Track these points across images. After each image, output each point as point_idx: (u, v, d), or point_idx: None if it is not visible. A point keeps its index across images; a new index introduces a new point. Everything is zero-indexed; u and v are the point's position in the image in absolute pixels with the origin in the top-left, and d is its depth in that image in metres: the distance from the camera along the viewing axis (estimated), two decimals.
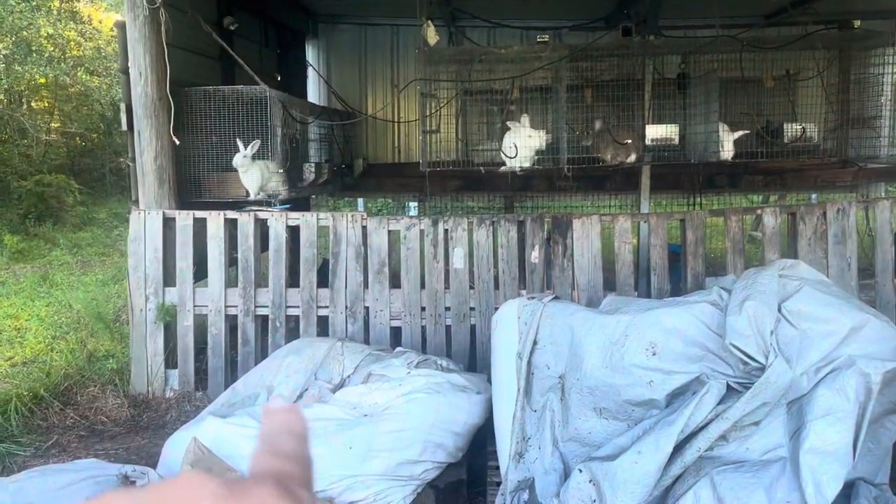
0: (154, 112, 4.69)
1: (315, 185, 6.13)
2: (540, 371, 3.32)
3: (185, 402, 4.63)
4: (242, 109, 5.03)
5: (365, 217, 4.75)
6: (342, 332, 4.68)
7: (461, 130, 6.84)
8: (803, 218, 4.51)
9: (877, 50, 5.50)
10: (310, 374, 3.99)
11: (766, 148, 5.31)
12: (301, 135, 6.01)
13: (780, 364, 2.77)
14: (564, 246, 4.62)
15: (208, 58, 5.79)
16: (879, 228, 4.53)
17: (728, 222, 4.60)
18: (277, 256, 4.73)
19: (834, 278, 4.39)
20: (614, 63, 5.68)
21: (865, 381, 2.82)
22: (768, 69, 5.60)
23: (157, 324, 4.72)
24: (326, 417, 3.41)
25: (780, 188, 7.57)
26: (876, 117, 5.49)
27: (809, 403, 2.82)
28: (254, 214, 4.76)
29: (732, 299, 3.07)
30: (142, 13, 4.57)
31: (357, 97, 8.30)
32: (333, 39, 8.37)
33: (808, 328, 2.94)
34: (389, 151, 8.49)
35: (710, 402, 2.78)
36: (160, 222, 4.71)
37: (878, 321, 3.00)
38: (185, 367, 4.75)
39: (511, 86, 5.74)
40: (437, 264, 4.69)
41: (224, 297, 4.74)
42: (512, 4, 7.06)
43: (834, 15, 6.78)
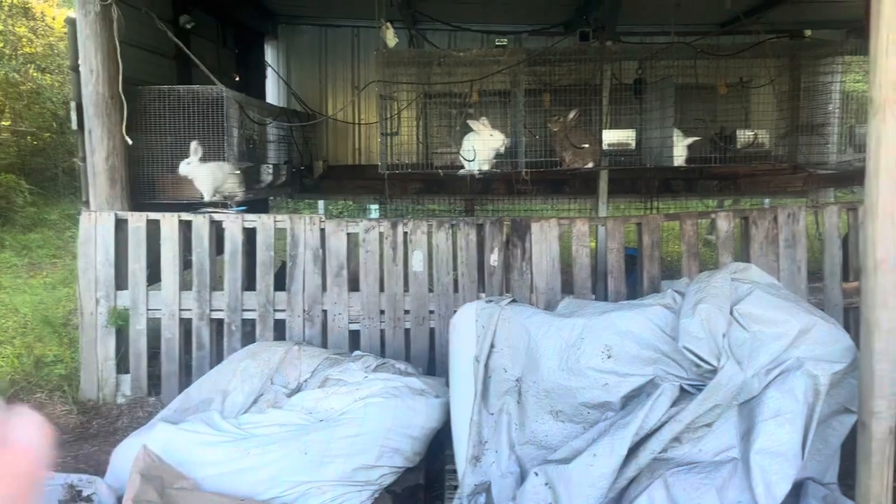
0: (106, 111, 4.58)
1: (273, 187, 6.06)
2: (497, 374, 3.32)
3: (138, 408, 4.53)
4: (198, 109, 4.95)
5: (323, 219, 4.71)
6: (299, 336, 4.62)
7: (421, 133, 6.83)
8: (755, 222, 4.60)
9: (826, 59, 5.65)
10: (266, 379, 3.93)
11: (720, 153, 5.41)
12: (259, 136, 5.94)
13: (731, 366, 2.82)
14: (523, 249, 4.64)
15: (164, 56, 5.69)
16: (828, 233, 4.65)
17: (683, 226, 4.67)
18: (233, 259, 4.65)
19: (785, 281, 4.49)
20: (572, 68, 5.73)
21: (814, 383, 2.88)
22: (722, 76, 5.71)
23: (107, 328, 4.61)
24: (282, 423, 3.37)
25: (734, 192, 7.72)
26: (825, 125, 5.64)
27: (760, 405, 2.87)
28: (209, 216, 4.67)
29: (686, 302, 3.11)
30: (93, 9, 4.46)
31: (317, 98, 8.24)
32: (293, 40, 8.30)
33: (758, 331, 3.00)
34: (350, 153, 8.44)
35: (664, 405, 2.82)
36: (112, 224, 4.59)
37: (826, 324, 3.07)
38: (137, 372, 4.64)
39: (470, 89, 5.75)
40: (396, 267, 4.67)
41: (178, 300, 4.64)
42: (472, 8, 7.08)
43: (786, 24, 6.97)
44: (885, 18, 2.61)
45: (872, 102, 2.64)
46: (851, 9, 6.73)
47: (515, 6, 7.10)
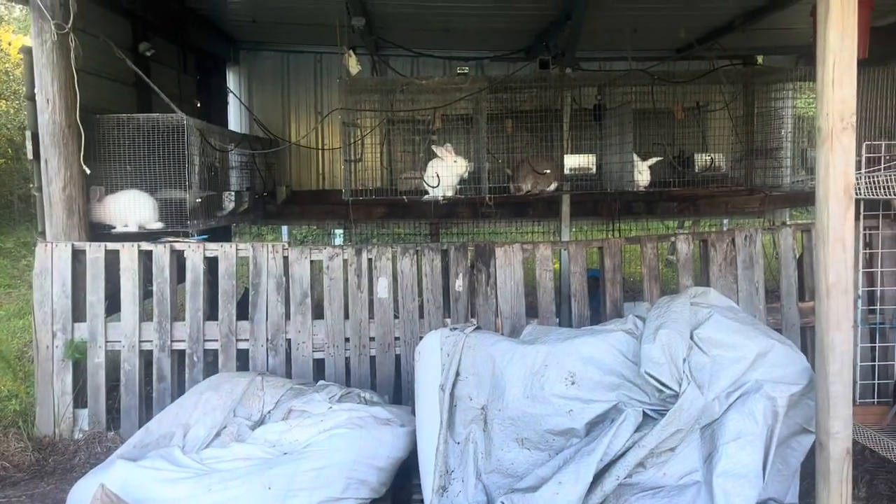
0: (62, 140, 4.50)
1: (235, 214, 6.02)
2: (462, 402, 3.32)
3: (96, 444, 4.41)
4: (159, 137, 4.90)
5: (286, 247, 4.68)
6: (263, 366, 4.57)
7: (385, 159, 6.86)
8: (714, 244, 4.69)
9: (777, 85, 5.82)
10: (228, 411, 3.87)
11: (678, 177, 5.52)
12: (221, 163, 5.89)
13: (692, 391, 2.86)
14: (488, 274, 4.67)
15: (123, 84, 5.63)
16: (783, 254, 4.76)
17: (644, 249, 4.74)
18: (195, 289, 4.59)
19: (743, 302, 4.57)
20: (534, 94, 5.82)
21: (772, 405, 2.94)
22: (679, 101, 5.85)
23: (64, 361, 4.50)
24: (245, 457, 3.31)
25: (693, 214, 7.89)
26: (778, 148, 5.80)
27: (721, 428, 2.92)
28: (170, 246, 4.61)
29: (647, 328, 3.16)
30: (50, 38, 4.41)
31: (280, 124, 8.22)
32: (255, 66, 8.28)
33: (718, 355, 3.05)
34: (314, 178, 8.42)
35: (628, 430, 2.84)
36: (69, 255, 4.50)
37: (783, 346, 3.14)
38: (95, 406, 4.53)
39: (433, 115, 5.80)
40: (361, 294, 4.65)
41: (138, 331, 4.56)
42: (434, 35, 7.15)
43: (738, 50, 7.17)
44: (831, 51, 2.71)
45: (820, 132, 2.73)
46: (801, 35, 6.97)
47: (476, 33, 7.19)
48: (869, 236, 4.46)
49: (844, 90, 2.70)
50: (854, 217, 2.83)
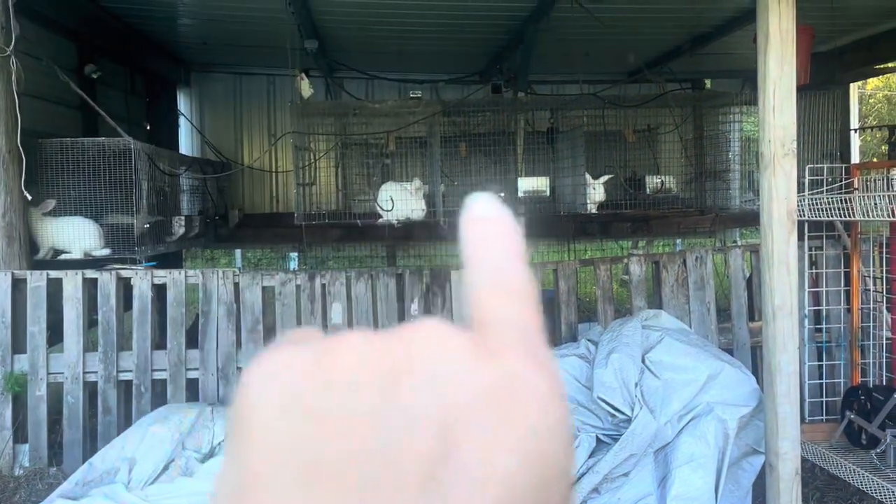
0: (2, 165, 4.36)
1: (186, 239, 5.89)
2: None
3: (37, 481, 4.23)
4: (105, 161, 4.78)
5: (237, 273, 4.59)
6: (214, 396, 4.45)
7: (339, 181, 6.81)
8: (666, 266, 4.75)
9: (724, 108, 5.97)
10: (177, 444, 3.75)
11: (630, 199, 5.60)
12: (170, 187, 5.78)
13: (644, 416, 2.87)
14: (444, 297, 4.64)
15: (68, 107, 5.50)
16: (733, 275, 4.84)
17: (597, 271, 4.78)
18: (142, 317, 4.46)
19: (695, 323, 4.63)
20: (487, 117, 5.85)
21: (723, 427, 2.97)
22: (630, 124, 5.94)
23: (3, 394, 4.32)
24: (192, 492, 3.21)
25: (647, 234, 7.99)
26: (726, 170, 5.93)
27: (674, 451, 2.93)
28: (116, 273, 4.48)
29: (599, 352, 3.17)
30: None
31: (232, 146, 8.11)
32: (207, 88, 8.18)
33: (669, 378, 3.07)
34: (267, 201, 8.32)
35: (581, 456, 2.84)
36: (9, 284, 4.34)
37: (733, 368, 3.18)
38: (36, 441, 4.35)
39: (387, 138, 5.79)
40: (314, 320, 4.58)
41: (82, 362, 4.41)
42: (388, 58, 7.16)
43: (687, 74, 7.35)
44: (771, 79, 2.78)
45: (763, 158, 2.79)
46: (747, 60, 7.16)
47: (430, 56, 7.22)
48: (814, 256, 4.58)
49: (785, 117, 2.77)
50: (798, 238, 2.89)
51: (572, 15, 4.97)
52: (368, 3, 5.30)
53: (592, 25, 5.33)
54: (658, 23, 5.91)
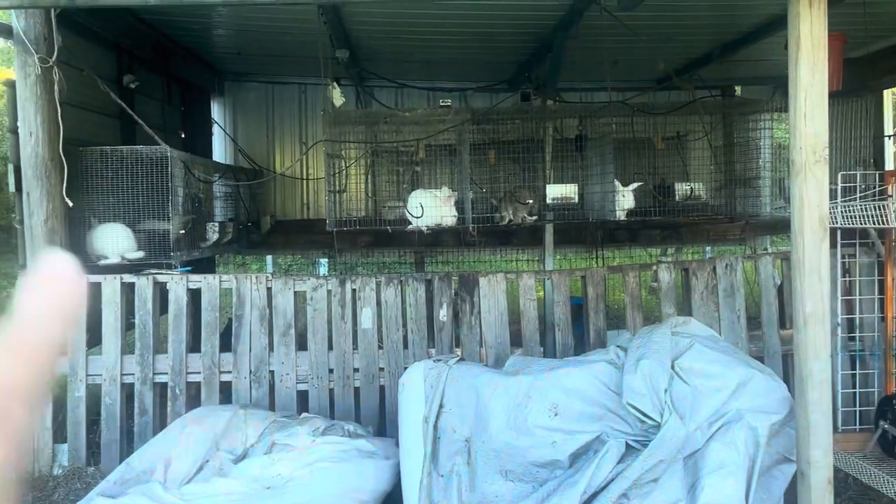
0: (45, 173, 4.50)
1: (219, 245, 6.01)
2: (446, 435, 3.31)
3: (76, 480, 4.34)
4: (142, 169, 4.90)
5: (270, 278, 4.67)
6: (246, 398, 4.53)
7: (370, 188, 6.89)
8: (695, 273, 4.74)
9: (754, 115, 5.93)
10: (211, 445, 3.84)
11: (659, 206, 5.59)
12: (205, 194, 5.90)
13: (674, 422, 2.87)
14: (472, 304, 4.68)
15: (107, 116, 5.64)
16: (763, 282, 4.81)
17: (626, 278, 4.78)
18: (177, 321, 4.57)
19: (725, 330, 4.61)
20: (516, 125, 5.89)
21: (754, 435, 2.96)
22: (659, 131, 5.94)
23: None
24: (227, 492, 3.28)
25: (676, 241, 7.96)
26: (757, 177, 5.89)
27: (703, 458, 2.93)
28: (152, 278, 4.60)
29: (628, 358, 3.18)
30: (33, 72, 4.42)
31: (264, 154, 8.25)
32: (240, 97, 8.33)
33: (699, 384, 3.07)
34: (298, 208, 8.43)
35: (611, 462, 2.85)
36: None
37: (763, 375, 3.17)
38: (75, 441, 4.47)
39: (416, 146, 5.85)
40: (344, 325, 4.65)
41: (120, 364, 4.52)
42: (417, 67, 7.23)
43: (717, 81, 7.31)
44: (803, 86, 2.78)
45: (794, 165, 2.79)
46: (777, 66, 7.11)
47: (459, 65, 7.28)
48: (847, 264, 4.53)
49: (816, 124, 2.77)
50: (831, 246, 2.88)
51: (601, 23, 4.98)
52: (399, 13, 5.38)
53: (622, 33, 5.34)
54: (688, 30, 5.90)
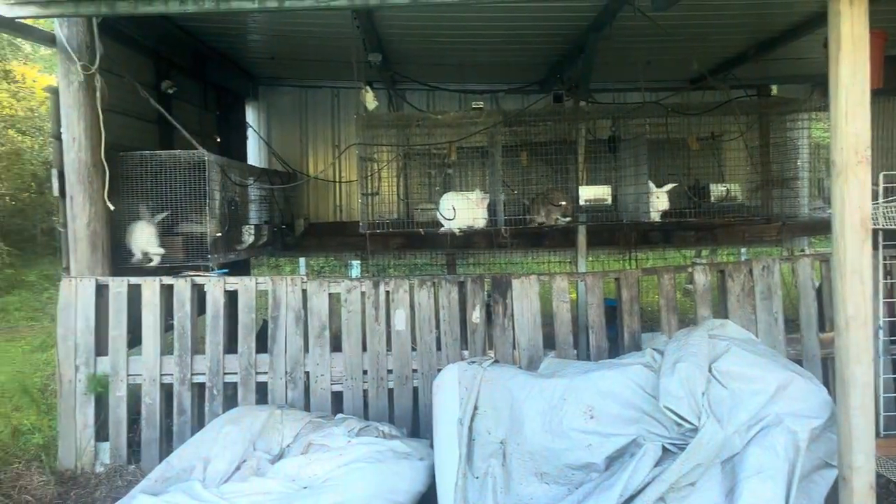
0: (88, 178, 4.61)
1: (255, 247, 6.09)
2: (481, 437, 3.32)
3: (117, 478, 4.43)
4: (180, 173, 5.00)
5: (305, 280, 4.72)
6: (282, 399, 4.59)
7: (402, 191, 6.93)
8: (731, 275, 4.68)
9: (792, 115, 5.84)
10: (248, 445, 3.89)
11: (694, 208, 5.53)
12: (240, 197, 5.99)
13: (711, 425, 2.84)
14: (504, 306, 4.68)
15: (146, 121, 5.76)
16: (802, 284, 4.73)
17: (661, 280, 4.74)
18: (215, 322, 4.64)
19: (762, 333, 4.55)
20: (548, 126, 5.87)
21: (794, 439, 2.92)
22: (693, 132, 5.87)
23: (87, 395, 4.55)
24: (265, 491, 3.33)
25: (711, 243, 7.87)
26: (795, 178, 5.80)
27: (742, 462, 2.90)
28: (190, 280, 4.68)
29: (665, 361, 3.15)
30: (76, 79, 4.53)
31: (298, 157, 8.34)
32: (274, 101, 8.43)
33: (737, 388, 3.04)
34: (331, 210, 8.51)
35: (648, 465, 2.83)
36: (92, 290, 4.58)
37: (803, 379, 3.12)
38: (117, 439, 4.57)
39: (448, 149, 5.87)
40: (378, 326, 4.68)
41: (159, 365, 4.61)
42: (449, 69, 7.26)
43: (752, 80, 7.21)
44: (843, 85, 2.74)
45: (835, 165, 2.74)
46: (815, 65, 7.00)
47: (491, 67, 7.29)
48: (890, 266, 4.44)
49: (858, 123, 2.72)
50: (872, 247, 2.83)
51: (634, 23, 4.95)
52: (432, 17, 5.40)
53: (655, 33, 5.30)
54: (723, 29, 5.84)
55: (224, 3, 3.83)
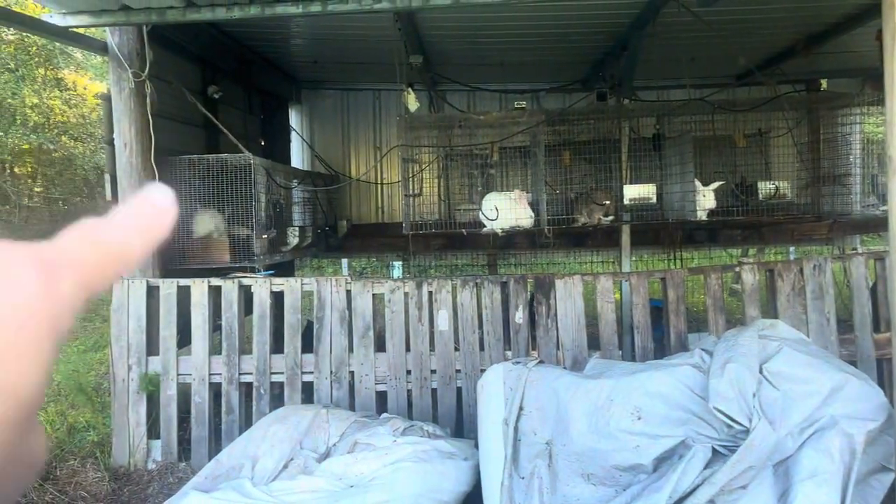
0: (138, 182, 4.73)
1: (299, 249, 6.17)
2: (527, 437, 3.31)
3: (168, 474, 4.54)
4: (226, 176, 5.09)
5: (349, 281, 4.77)
6: (327, 398, 4.64)
7: (444, 191, 6.95)
8: (781, 274, 4.58)
9: (843, 110, 5.69)
10: (295, 444, 3.94)
11: (741, 206, 5.42)
12: (285, 199, 6.07)
13: (763, 427, 2.79)
14: (548, 306, 4.65)
15: (193, 126, 5.88)
16: (855, 283, 4.61)
17: (708, 280, 4.66)
18: (261, 323, 4.71)
19: (814, 334, 4.44)
20: (591, 125, 5.83)
21: (849, 442, 2.84)
22: (740, 128, 5.76)
23: (139, 393, 4.67)
24: (312, 489, 3.37)
25: (758, 242, 7.71)
26: (846, 175, 5.64)
27: (795, 465, 2.83)
28: (238, 281, 4.76)
29: (714, 362, 3.10)
30: (127, 86, 4.65)
31: (340, 160, 8.42)
32: (316, 104, 8.53)
33: (789, 389, 2.97)
34: (373, 212, 8.57)
35: (697, 467, 2.79)
36: (144, 291, 4.70)
37: (858, 380, 3.04)
38: (168, 437, 4.68)
39: (490, 149, 5.87)
40: (421, 327, 4.70)
41: (208, 365, 4.70)
42: (490, 69, 7.25)
43: (801, 75, 7.05)
44: None
45: (891, 161, 2.67)
46: (867, 58, 6.81)
47: (532, 66, 7.26)
48: None
49: None
50: None
51: (679, 19, 4.89)
52: (473, 17, 5.41)
53: (700, 29, 5.22)
54: (770, 23, 5.72)
55: (269, 8, 3.90)
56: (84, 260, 0.38)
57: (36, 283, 0.34)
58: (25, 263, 0.35)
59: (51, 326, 0.34)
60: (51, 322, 0.34)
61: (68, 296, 0.36)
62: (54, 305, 0.35)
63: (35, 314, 0.34)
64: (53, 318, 0.35)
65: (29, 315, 0.34)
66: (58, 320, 0.35)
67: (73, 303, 0.36)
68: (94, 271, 0.38)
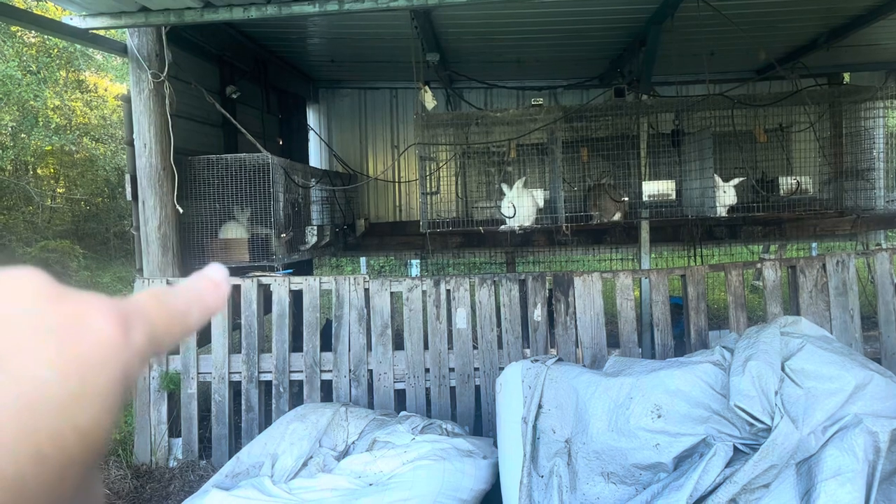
0: (158, 182, 4.77)
1: (318, 248, 6.19)
2: (546, 435, 3.29)
3: (189, 472, 4.58)
4: (245, 176, 5.12)
5: (367, 279, 4.78)
6: (346, 396, 4.66)
7: (461, 189, 6.94)
8: (803, 271, 4.53)
9: (866, 103, 5.60)
10: (314, 441, 3.96)
11: (762, 201, 5.36)
12: (303, 198, 6.09)
13: (786, 425, 2.75)
14: (567, 304, 4.63)
15: (212, 125, 5.92)
16: (880, 280, 4.54)
17: (728, 277, 4.62)
18: (281, 321, 4.74)
19: (837, 331, 4.38)
20: (609, 121, 5.79)
21: (874, 440, 2.80)
22: (761, 123, 5.70)
23: (160, 392, 4.71)
24: (332, 487, 3.38)
25: (779, 238, 7.62)
26: (869, 169, 5.56)
27: (818, 464, 2.79)
28: (257, 280, 4.79)
29: (735, 359, 3.07)
30: (147, 87, 4.69)
31: (358, 158, 8.44)
32: (334, 103, 8.56)
33: (812, 387, 2.93)
34: (391, 210, 8.58)
35: (718, 465, 2.76)
36: None
37: (883, 378, 2.99)
38: (188, 435, 4.72)
39: (508, 146, 5.85)
40: (439, 325, 4.70)
41: (228, 363, 4.73)
42: (507, 66, 7.23)
43: (823, 68, 6.95)
44: None
45: None
46: (890, 50, 6.71)
47: (549, 63, 7.23)
48: None
49: None
50: None
51: (698, 14, 4.84)
52: (490, 14, 5.39)
53: (719, 23, 5.16)
54: (791, 16, 5.64)
55: (286, 8, 3.91)
56: (153, 317, 0.42)
57: (112, 332, 0.37)
58: (104, 313, 0.37)
59: (123, 374, 0.37)
60: (123, 369, 0.37)
61: (139, 347, 0.39)
62: (127, 354, 0.37)
63: (110, 360, 0.36)
64: (126, 366, 0.37)
65: (105, 361, 0.36)
66: (129, 368, 0.37)
67: (143, 354, 0.39)
68: (161, 329, 0.42)
